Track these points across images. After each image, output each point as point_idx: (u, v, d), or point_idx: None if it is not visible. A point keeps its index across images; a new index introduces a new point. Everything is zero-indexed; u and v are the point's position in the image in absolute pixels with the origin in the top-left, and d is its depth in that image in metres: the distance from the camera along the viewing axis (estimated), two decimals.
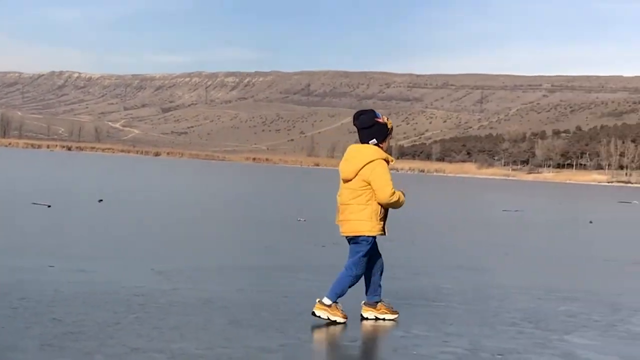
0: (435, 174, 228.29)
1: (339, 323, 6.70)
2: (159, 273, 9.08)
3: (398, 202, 6.87)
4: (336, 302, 6.79)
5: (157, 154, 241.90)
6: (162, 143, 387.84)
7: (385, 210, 6.90)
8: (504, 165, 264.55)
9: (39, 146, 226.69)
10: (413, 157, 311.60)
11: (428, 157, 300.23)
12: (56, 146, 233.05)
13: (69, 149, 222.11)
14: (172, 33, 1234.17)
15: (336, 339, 6.26)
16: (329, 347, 5.95)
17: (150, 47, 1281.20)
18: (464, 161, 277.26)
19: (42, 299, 7.06)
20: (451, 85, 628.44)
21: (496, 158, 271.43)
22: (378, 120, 6.88)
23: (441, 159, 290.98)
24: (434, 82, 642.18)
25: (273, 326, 6.50)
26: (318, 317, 6.73)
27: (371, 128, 6.87)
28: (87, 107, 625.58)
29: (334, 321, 6.70)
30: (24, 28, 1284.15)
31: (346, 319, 6.74)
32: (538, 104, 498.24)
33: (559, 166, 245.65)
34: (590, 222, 25.27)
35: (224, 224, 17.61)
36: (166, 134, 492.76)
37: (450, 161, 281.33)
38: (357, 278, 6.92)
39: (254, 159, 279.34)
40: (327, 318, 6.70)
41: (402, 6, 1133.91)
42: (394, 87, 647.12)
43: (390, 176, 6.78)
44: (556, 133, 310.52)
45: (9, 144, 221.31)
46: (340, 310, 6.77)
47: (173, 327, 6.22)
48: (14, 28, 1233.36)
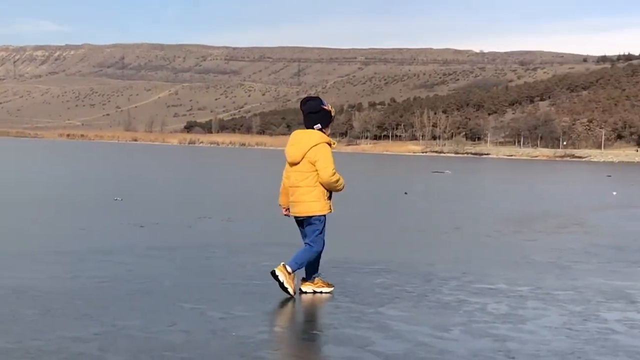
0: (256, 148, 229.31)
1: (289, 293, 7.17)
2: None
3: (338, 183, 7.41)
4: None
5: None
6: None
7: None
8: None
9: None
10: (233, 131, 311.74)
11: (248, 131, 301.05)
12: None
13: None
14: None
15: (154, 325, 6.10)
16: (146, 334, 5.78)
17: None
18: (284, 134, 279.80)
19: None
20: (268, 58, 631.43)
21: None
22: (324, 107, 7.44)
23: (262, 132, 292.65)
24: (252, 55, 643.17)
25: (87, 314, 6.28)
26: (276, 278, 7.19)
27: (317, 114, 7.41)
28: None
29: (286, 289, 7.16)
30: None
31: (294, 294, 7.22)
32: (354, 77, 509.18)
33: (376, 137, 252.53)
34: (405, 193, 26.09)
35: (36, 206, 16.76)
36: None
37: (270, 134, 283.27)
38: (318, 254, 7.43)
39: (68, 135, 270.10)
40: (283, 282, 7.17)
41: None
42: (211, 60, 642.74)
43: (332, 159, 7.33)
44: (372, 105, 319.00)
45: None
46: (293, 281, 7.24)
47: None
48: None
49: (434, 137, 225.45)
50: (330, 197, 7.49)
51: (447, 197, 26.21)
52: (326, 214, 7.44)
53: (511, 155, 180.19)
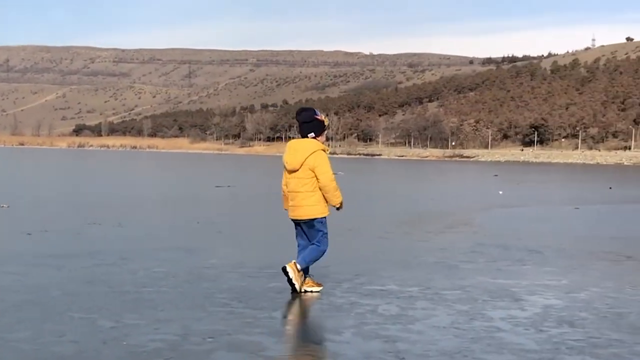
0: (148, 150, 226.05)
1: (295, 289, 7.75)
2: None
3: (336, 189, 7.94)
4: (309, 275, 7.98)
5: None
6: None
7: None
8: (217, 139, 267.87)
9: None
10: (124, 134, 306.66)
11: (139, 133, 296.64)
12: None
13: None
14: None
15: (42, 336, 5.95)
16: (34, 346, 5.64)
17: None
18: (177, 136, 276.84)
19: None
20: (158, 59, 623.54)
21: (208, 132, 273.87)
22: (317, 117, 8.08)
23: (153, 135, 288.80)
24: (141, 57, 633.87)
25: None
26: (286, 273, 7.72)
27: (310, 123, 8.02)
28: None
29: (294, 285, 7.74)
30: None
31: (300, 291, 7.78)
32: (245, 79, 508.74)
33: (269, 139, 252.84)
34: None
35: None
36: None
37: (162, 137, 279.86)
38: (323, 252, 7.98)
39: None
40: (291, 278, 7.71)
41: None
42: (100, 62, 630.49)
43: (330, 164, 7.92)
44: (264, 107, 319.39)
45: None
46: (301, 279, 7.81)
47: None
48: None
49: (327, 139, 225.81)
50: (326, 200, 8.00)
51: (344, 197, 26.42)
52: (326, 216, 8.00)
53: (402, 155, 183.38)
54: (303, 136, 8.02)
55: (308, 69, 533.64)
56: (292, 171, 7.89)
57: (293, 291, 7.80)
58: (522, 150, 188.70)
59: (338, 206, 8.08)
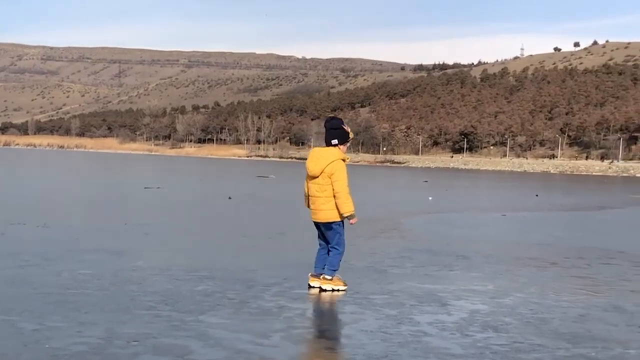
0: (76, 150, 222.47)
1: (342, 291, 8.39)
2: None
3: (348, 198, 8.35)
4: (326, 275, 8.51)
5: None
6: None
7: None
8: (147, 140, 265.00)
9: None
10: (51, 133, 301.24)
11: (67, 133, 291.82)
12: None
13: None
14: None
15: None
16: None
17: None
18: (105, 136, 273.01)
19: None
20: (88, 58, 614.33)
21: (138, 133, 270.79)
22: (343, 127, 8.57)
23: (81, 134, 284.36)
24: (70, 55, 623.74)
25: None
26: (313, 287, 8.47)
27: (337, 130, 8.49)
28: None
29: (337, 289, 8.39)
30: None
31: (346, 286, 8.53)
32: (177, 79, 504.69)
33: (200, 141, 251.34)
34: (229, 198, 26.06)
35: None
36: None
37: (91, 136, 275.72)
38: (343, 254, 8.53)
39: None
40: (332, 289, 8.39)
41: None
42: (27, 60, 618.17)
43: (346, 174, 8.39)
44: (196, 108, 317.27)
45: None
46: (341, 280, 8.56)
47: None
48: None
49: (259, 142, 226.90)
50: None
51: (272, 202, 26.40)
52: (343, 220, 8.45)
53: None
54: (327, 143, 8.49)
55: (240, 71, 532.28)
56: (313, 177, 8.43)
57: (342, 291, 8.44)
58: (452, 156, 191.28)
59: (347, 215, 8.40)
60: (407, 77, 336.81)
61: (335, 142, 8.45)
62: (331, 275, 8.46)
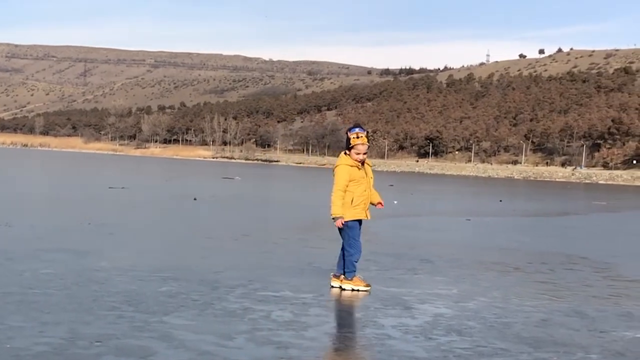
0: (39, 149, 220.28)
1: (362, 291, 8.76)
2: None
3: (333, 202, 8.77)
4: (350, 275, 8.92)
5: None
6: None
7: (360, 198, 8.86)
8: (112, 140, 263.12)
9: None
10: (15, 131, 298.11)
11: (31, 131, 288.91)
12: None
13: None
14: None
15: None
16: None
17: None
18: (70, 135, 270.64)
19: None
20: (53, 56, 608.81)
21: (103, 133, 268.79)
22: (347, 133, 9.09)
23: (45, 133, 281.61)
24: (35, 53, 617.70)
25: None
26: (335, 287, 8.90)
27: (346, 140, 9.07)
28: None
29: (357, 289, 8.78)
30: None
31: (369, 286, 8.91)
32: (143, 79, 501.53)
33: (166, 141, 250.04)
34: (194, 199, 25.95)
35: None
36: None
37: (55, 135, 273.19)
38: (355, 255, 8.86)
39: None
40: (352, 289, 8.79)
41: None
42: None
43: (344, 179, 8.76)
44: (161, 109, 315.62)
45: None
46: (362, 281, 8.97)
47: None
48: None
49: (225, 143, 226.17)
50: (360, 205, 8.88)
51: (237, 204, 26.34)
52: (352, 220, 8.80)
53: (300, 162, 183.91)
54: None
55: (207, 72, 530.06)
56: None
57: (343, 290, 8.82)
58: (417, 161, 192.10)
59: (332, 217, 8.78)
60: (374, 81, 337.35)
61: (347, 152, 8.99)
62: (350, 276, 8.83)
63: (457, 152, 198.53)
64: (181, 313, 7.06)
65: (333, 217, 8.75)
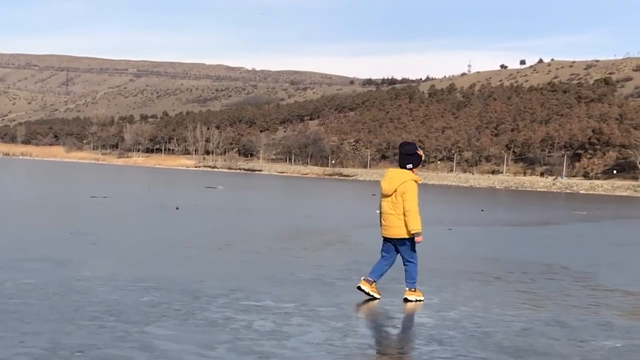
0: (21, 157, 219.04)
1: (420, 301, 9.04)
2: None
3: (416, 216, 9.05)
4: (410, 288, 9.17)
5: None
6: None
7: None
8: (94, 149, 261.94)
9: None
10: None
11: (13, 140, 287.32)
12: None
13: None
14: None
15: None
16: None
17: None
18: (52, 144, 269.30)
19: None
20: (35, 65, 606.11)
21: (85, 142, 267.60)
22: (417, 152, 9.25)
23: (27, 142, 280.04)
24: (17, 62, 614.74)
25: None
26: (362, 290, 9.13)
27: (411, 156, 9.20)
28: None
29: (419, 300, 9.07)
30: None
31: (423, 297, 9.17)
32: (125, 88, 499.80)
33: (149, 150, 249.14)
34: (177, 209, 25.89)
35: None
36: None
37: (37, 144, 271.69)
38: (417, 265, 9.17)
39: None
40: (416, 300, 9.07)
41: None
42: None
43: (417, 194, 9.09)
44: (144, 118, 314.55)
45: None
46: (420, 292, 9.22)
47: None
48: None
49: (207, 152, 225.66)
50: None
51: (219, 213, 26.30)
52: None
53: (283, 172, 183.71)
54: (401, 166, 9.18)
55: (190, 82, 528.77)
56: (386, 196, 9.12)
57: (371, 299, 9.03)
58: None
59: (414, 232, 8.99)
60: (356, 91, 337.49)
61: (409, 167, 9.19)
62: (414, 287, 9.08)
63: (439, 162, 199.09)
64: (163, 323, 7.05)
65: (415, 233, 9.01)
